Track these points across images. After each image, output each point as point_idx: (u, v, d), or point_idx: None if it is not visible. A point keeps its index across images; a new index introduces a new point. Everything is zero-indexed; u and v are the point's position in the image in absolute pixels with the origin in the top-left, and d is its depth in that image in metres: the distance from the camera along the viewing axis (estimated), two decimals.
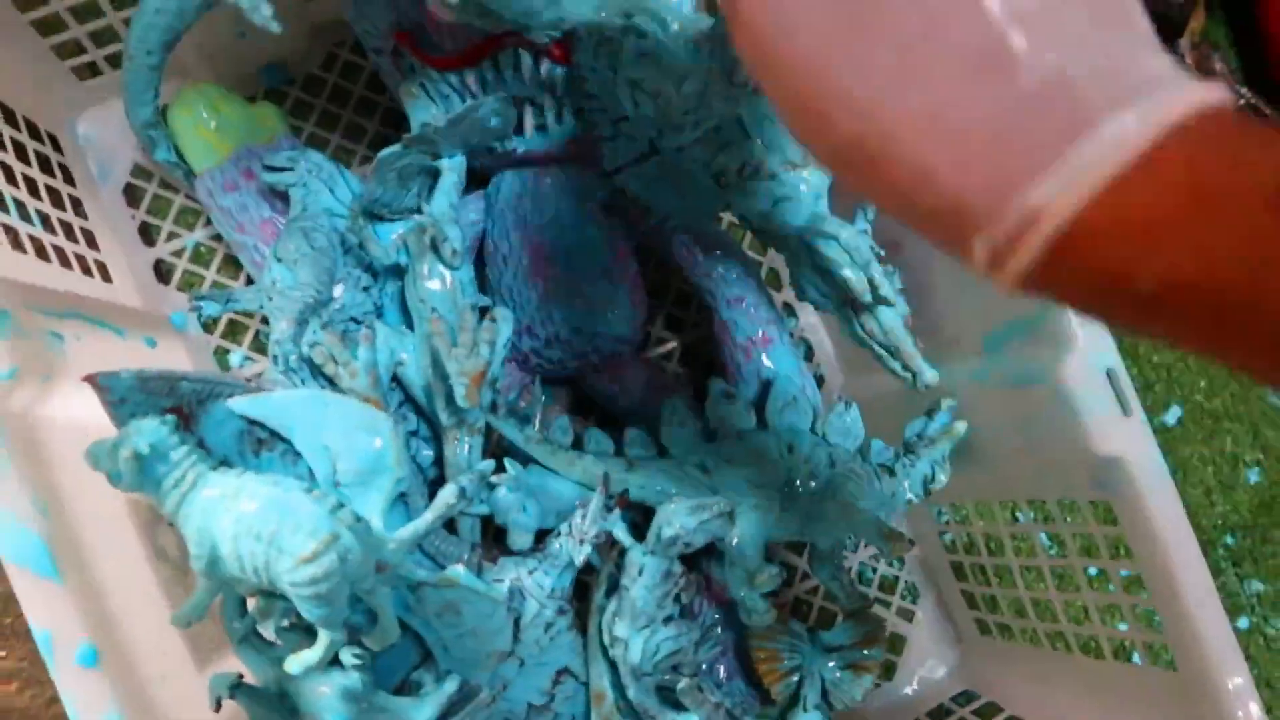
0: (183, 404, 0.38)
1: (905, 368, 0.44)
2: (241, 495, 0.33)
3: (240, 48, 0.53)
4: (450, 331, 0.41)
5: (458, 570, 0.37)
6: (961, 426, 0.46)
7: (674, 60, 0.39)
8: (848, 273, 0.42)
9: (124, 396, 0.37)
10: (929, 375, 0.43)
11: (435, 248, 0.43)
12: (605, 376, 0.51)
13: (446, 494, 0.36)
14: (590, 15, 0.39)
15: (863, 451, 0.47)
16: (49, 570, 0.34)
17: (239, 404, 0.38)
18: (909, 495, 0.47)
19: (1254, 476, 0.67)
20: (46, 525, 0.35)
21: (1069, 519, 0.48)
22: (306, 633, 0.40)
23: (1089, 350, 0.42)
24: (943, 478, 0.46)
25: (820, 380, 0.59)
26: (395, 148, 0.42)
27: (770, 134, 0.42)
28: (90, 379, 0.36)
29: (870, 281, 0.42)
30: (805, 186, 0.42)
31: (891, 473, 0.46)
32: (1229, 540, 0.66)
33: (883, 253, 0.45)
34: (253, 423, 0.39)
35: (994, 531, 0.52)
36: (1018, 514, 0.52)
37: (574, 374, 0.51)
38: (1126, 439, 0.42)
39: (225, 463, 0.39)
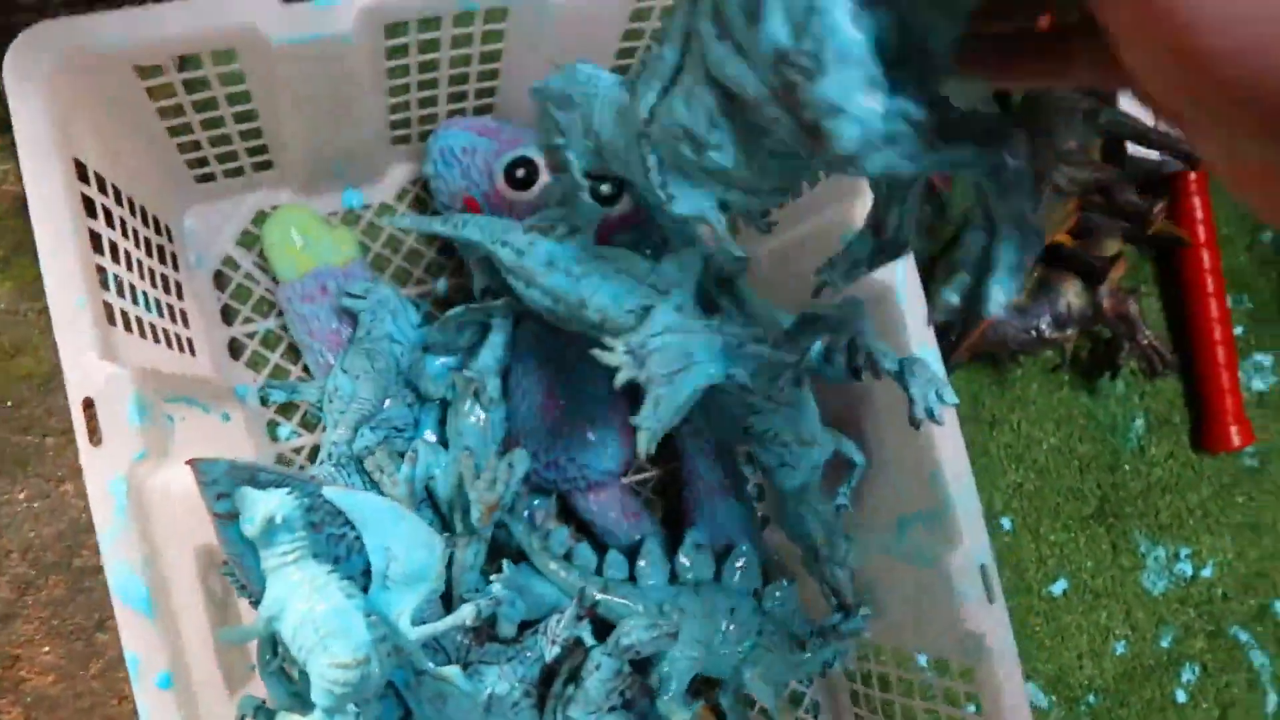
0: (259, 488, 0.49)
1: (840, 605, 0.57)
2: (320, 593, 0.43)
3: (330, 176, 0.64)
4: (477, 464, 0.52)
5: (455, 670, 0.47)
6: (867, 636, 0.57)
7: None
8: (819, 535, 0.55)
9: (215, 479, 0.47)
10: (856, 614, 0.57)
11: (476, 394, 0.54)
12: (588, 497, 0.62)
13: (467, 611, 0.47)
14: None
15: (792, 621, 0.58)
16: (147, 610, 0.44)
17: (333, 493, 0.49)
18: (810, 671, 0.58)
19: (1120, 648, 0.79)
20: (149, 574, 0.45)
21: (940, 673, 0.59)
22: None
23: (971, 547, 0.53)
24: (838, 667, 0.57)
25: (765, 521, 0.70)
26: (458, 309, 0.54)
27: (792, 414, 0.54)
28: (192, 464, 0.47)
29: (831, 544, 0.55)
30: (807, 461, 0.54)
31: (804, 648, 0.57)
32: (1091, 699, 0.78)
33: (849, 506, 0.58)
34: (311, 509, 0.50)
35: (884, 671, 0.63)
36: (903, 661, 0.63)
37: (563, 491, 0.62)
38: (989, 622, 0.53)
39: None
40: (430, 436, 0.57)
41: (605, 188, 0.58)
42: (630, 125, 0.37)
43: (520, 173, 0.57)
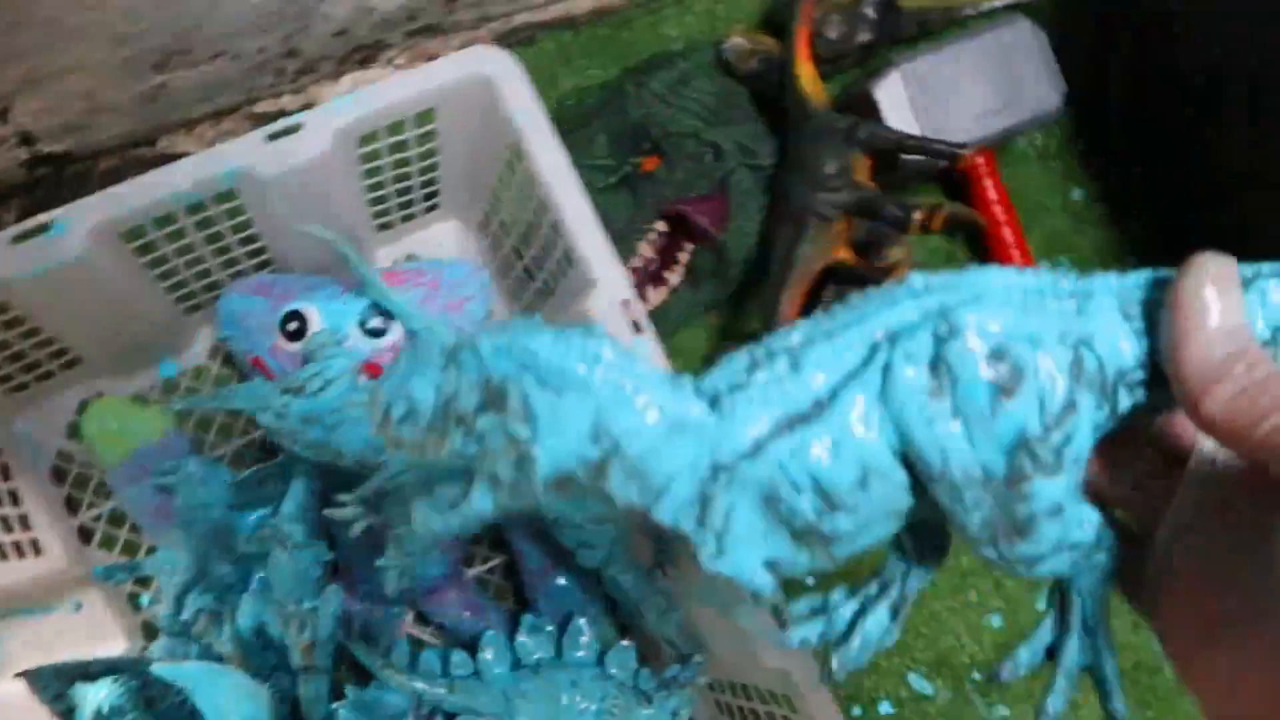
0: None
1: (677, 655, 0.62)
2: None
3: (139, 355, 0.68)
4: (290, 609, 0.56)
5: None
6: (702, 682, 0.62)
7: None
8: (636, 598, 0.60)
9: (46, 683, 0.52)
10: (691, 662, 0.61)
11: (282, 542, 0.58)
12: (429, 602, 0.66)
13: None
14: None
15: (636, 678, 0.62)
16: None
17: (163, 669, 0.53)
18: None
19: (996, 621, 0.82)
20: None
21: (778, 703, 0.63)
22: None
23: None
24: (685, 713, 0.61)
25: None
26: (251, 470, 0.58)
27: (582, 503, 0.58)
28: (22, 675, 0.51)
29: (650, 604, 0.61)
30: (604, 538, 0.58)
31: (650, 701, 0.61)
32: (975, 676, 0.81)
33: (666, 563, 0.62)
34: (144, 686, 0.54)
35: (738, 703, 0.67)
36: (753, 693, 0.66)
37: (406, 601, 0.66)
38: (793, 656, 0.57)
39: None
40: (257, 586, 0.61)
41: (376, 322, 0.62)
42: (703, 453, 0.27)
43: (293, 326, 0.61)
